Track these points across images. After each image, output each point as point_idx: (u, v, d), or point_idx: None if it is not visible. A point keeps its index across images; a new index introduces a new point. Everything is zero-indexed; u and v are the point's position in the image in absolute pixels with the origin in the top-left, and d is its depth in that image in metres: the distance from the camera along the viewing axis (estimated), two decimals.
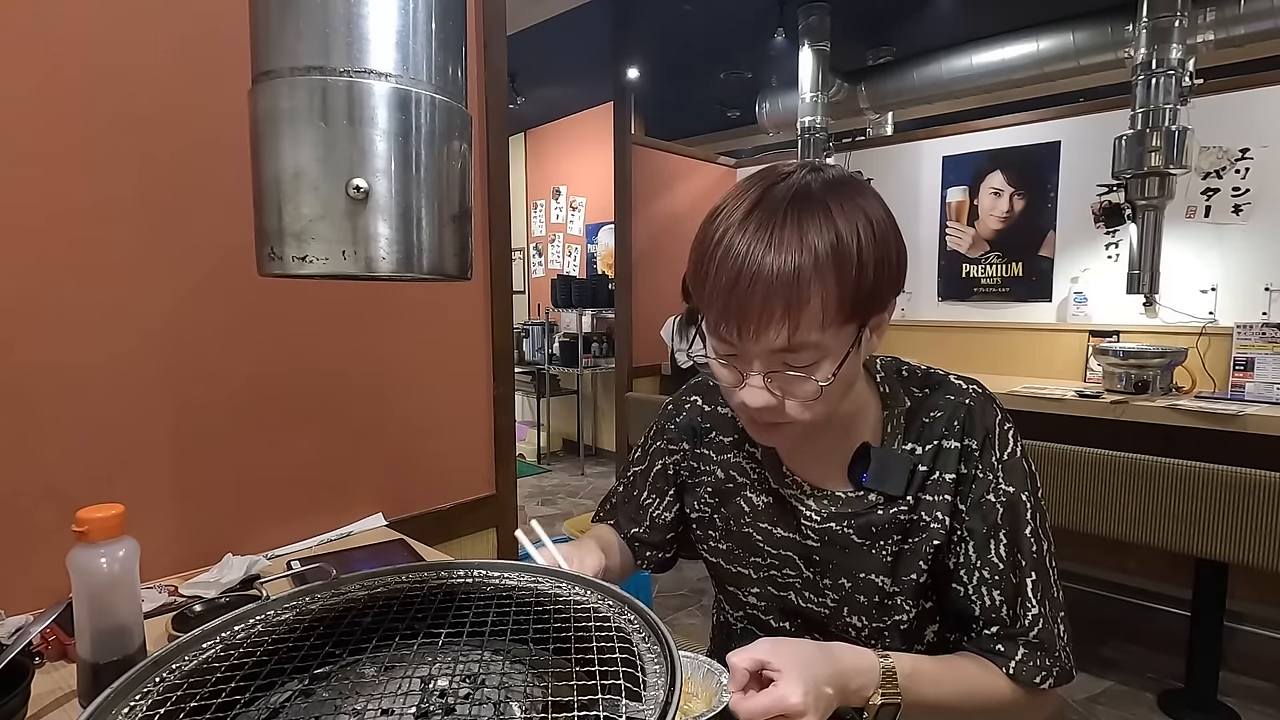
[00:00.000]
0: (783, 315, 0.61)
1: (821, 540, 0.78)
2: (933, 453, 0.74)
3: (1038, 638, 0.71)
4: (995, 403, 0.77)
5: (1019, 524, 0.73)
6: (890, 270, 0.65)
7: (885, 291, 0.66)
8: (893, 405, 0.77)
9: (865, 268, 0.62)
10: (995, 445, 0.74)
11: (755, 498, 0.83)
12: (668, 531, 0.93)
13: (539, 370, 5.44)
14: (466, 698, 0.54)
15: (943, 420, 0.75)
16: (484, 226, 1.45)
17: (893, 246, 0.66)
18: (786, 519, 0.81)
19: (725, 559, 0.87)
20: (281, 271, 0.52)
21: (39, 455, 0.95)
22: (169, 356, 1.05)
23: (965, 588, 0.73)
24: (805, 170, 0.67)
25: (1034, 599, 0.72)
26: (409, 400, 1.36)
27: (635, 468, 0.96)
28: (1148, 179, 2.76)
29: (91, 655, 0.68)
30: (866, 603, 0.77)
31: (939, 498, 0.74)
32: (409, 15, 0.52)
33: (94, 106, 0.97)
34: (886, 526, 0.75)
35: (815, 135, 4.01)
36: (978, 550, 0.73)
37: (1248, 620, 2.60)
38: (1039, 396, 2.72)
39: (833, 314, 0.62)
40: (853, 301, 0.63)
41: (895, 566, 0.75)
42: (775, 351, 0.64)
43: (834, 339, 0.64)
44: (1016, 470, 0.74)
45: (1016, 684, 0.71)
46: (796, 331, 0.62)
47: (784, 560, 0.81)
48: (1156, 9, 2.75)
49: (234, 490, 1.14)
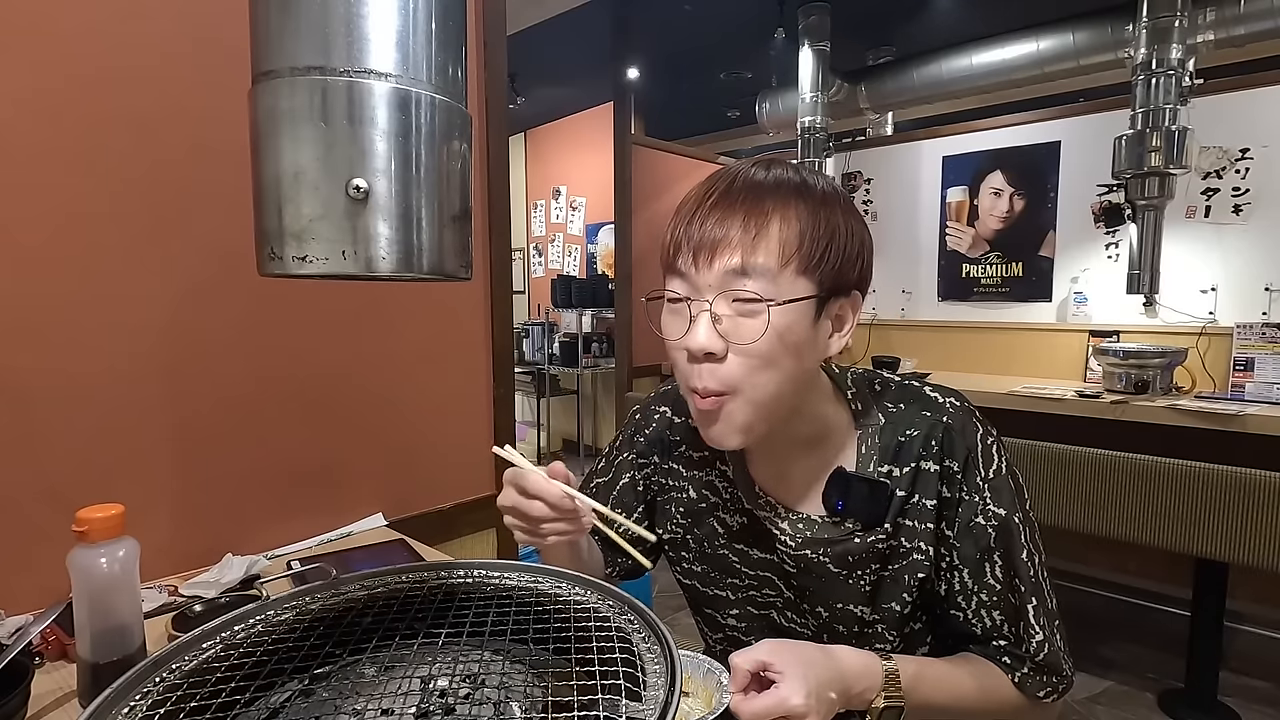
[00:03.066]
0: (741, 235, 0.62)
1: (798, 567, 0.75)
2: (910, 476, 0.71)
3: (1044, 661, 0.70)
4: (975, 416, 0.74)
5: (1013, 546, 0.70)
6: (853, 252, 0.65)
7: (846, 272, 0.65)
8: (866, 423, 0.74)
9: (829, 223, 0.63)
10: (979, 464, 0.71)
11: (729, 518, 0.81)
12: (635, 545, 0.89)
13: (539, 370, 5.43)
14: (466, 698, 0.54)
15: (920, 440, 0.72)
16: (484, 226, 1.45)
17: (860, 236, 0.67)
18: (762, 541, 0.78)
19: (701, 581, 0.85)
20: (282, 271, 0.52)
21: (39, 455, 0.95)
22: (169, 356, 1.05)
23: (965, 613, 0.72)
24: (791, 161, 0.70)
25: (1036, 625, 0.70)
26: (409, 400, 1.36)
27: (599, 479, 0.91)
28: (1148, 179, 2.76)
29: (91, 655, 0.68)
30: (846, 632, 0.75)
31: (921, 525, 0.71)
32: (409, 15, 0.52)
33: (94, 107, 0.96)
34: (864, 555, 0.72)
35: (815, 135, 4.00)
36: (973, 576, 0.71)
37: (1248, 620, 2.61)
38: (1039, 396, 2.72)
39: (790, 250, 0.62)
40: (809, 252, 0.63)
41: (874, 596, 0.73)
42: (729, 273, 0.63)
43: (787, 282, 0.63)
44: (1003, 489, 0.71)
45: (1021, 692, 0.71)
46: (752, 254, 0.62)
47: (763, 580, 0.79)
48: (1156, 9, 2.75)
49: (234, 490, 1.14)
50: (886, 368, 3.27)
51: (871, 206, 4.08)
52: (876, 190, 4.07)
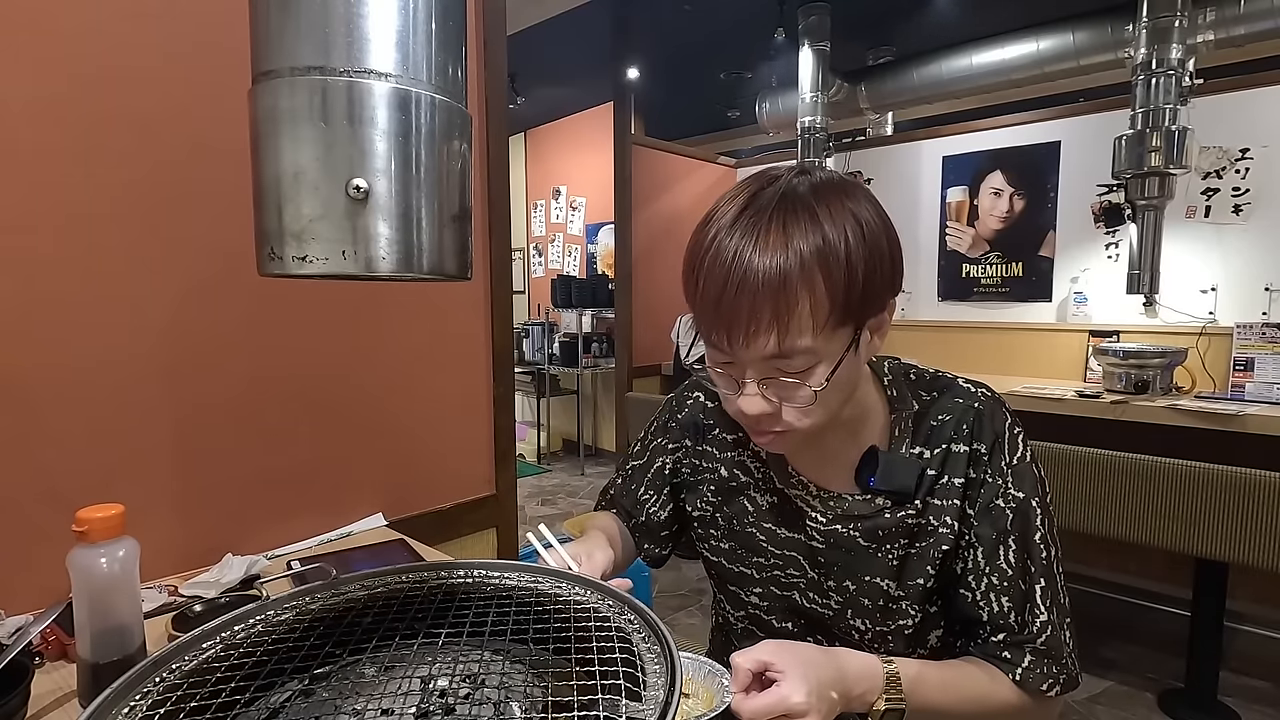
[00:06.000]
0: (771, 321, 0.61)
1: (827, 543, 0.77)
2: (941, 457, 0.74)
3: (1045, 645, 0.71)
4: (1004, 406, 0.76)
5: (1029, 530, 0.72)
6: (883, 271, 0.65)
7: (880, 293, 0.65)
8: (900, 408, 0.77)
9: (854, 269, 0.62)
10: (1005, 449, 0.74)
11: (759, 498, 0.83)
12: (662, 530, 0.92)
13: (539, 370, 5.44)
14: (466, 698, 0.54)
15: (951, 424, 0.75)
16: (484, 226, 1.45)
17: (884, 247, 0.65)
18: (791, 520, 0.80)
19: (727, 558, 0.87)
20: (281, 271, 0.52)
21: (39, 455, 0.95)
22: (170, 356, 1.05)
23: (973, 593, 0.73)
24: (794, 174, 0.66)
25: (1043, 606, 0.71)
26: (409, 400, 1.36)
27: (634, 461, 0.95)
28: (1148, 179, 2.75)
29: (91, 655, 0.68)
30: (871, 606, 0.76)
31: (948, 502, 0.73)
32: (409, 15, 0.52)
33: (95, 108, 0.96)
34: (894, 530, 0.74)
35: (815, 135, 4.00)
36: (987, 556, 0.72)
37: (1248, 620, 2.60)
38: (1039, 396, 2.72)
39: (823, 318, 0.62)
40: (844, 305, 0.62)
41: (901, 571, 0.75)
42: (767, 358, 0.63)
43: (827, 343, 0.63)
44: (1026, 475, 0.73)
45: (1023, 691, 0.70)
46: (786, 337, 0.62)
47: (788, 561, 0.81)
48: (1156, 9, 2.75)
49: (234, 490, 1.14)
50: None
51: None
52: (876, 190, 4.06)
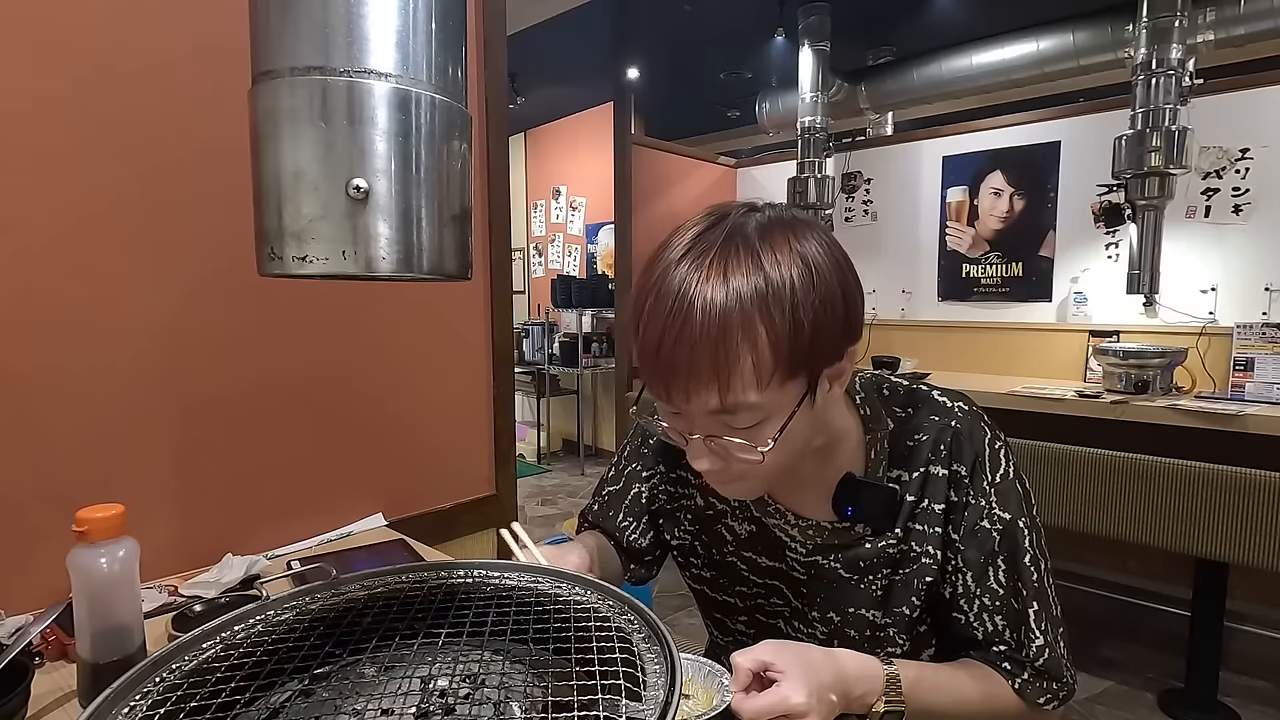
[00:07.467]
0: (710, 376, 0.57)
1: (808, 574, 0.75)
2: (920, 480, 0.71)
3: (1044, 665, 0.70)
4: (983, 420, 0.74)
5: (1017, 550, 0.70)
6: (834, 317, 0.59)
7: (833, 341, 0.61)
8: (875, 428, 0.73)
9: (800, 317, 0.57)
10: (986, 469, 0.71)
11: (737, 526, 0.81)
12: (645, 555, 0.90)
13: (539, 370, 5.44)
14: (466, 698, 0.54)
15: (929, 444, 0.72)
16: (484, 226, 1.45)
17: (837, 291, 0.60)
18: (772, 549, 0.78)
19: (710, 587, 0.85)
20: (281, 271, 0.52)
21: (39, 455, 0.95)
22: (169, 357, 1.05)
23: (966, 615, 0.72)
24: (741, 212, 0.62)
25: (1038, 630, 0.70)
26: (409, 400, 1.36)
27: (610, 487, 0.91)
28: (1148, 179, 2.75)
29: (91, 655, 0.68)
30: (857, 636, 0.75)
31: (929, 529, 0.71)
32: (409, 15, 0.52)
33: (96, 108, 0.96)
34: (875, 560, 0.72)
35: (815, 135, 4.00)
36: (976, 579, 0.71)
37: (1248, 620, 2.60)
38: (1039, 396, 2.72)
39: (768, 372, 0.57)
40: (790, 356, 0.57)
41: (886, 600, 0.73)
42: (711, 413, 0.59)
43: (775, 398, 0.59)
44: (1010, 493, 0.71)
45: (1021, 699, 0.70)
46: (729, 393, 0.57)
47: (770, 590, 0.79)
48: (1156, 9, 2.75)
49: (234, 490, 1.14)
50: (886, 368, 3.27)
51: (871, 206, 4.08)
52: (876, 190, 4.07)
